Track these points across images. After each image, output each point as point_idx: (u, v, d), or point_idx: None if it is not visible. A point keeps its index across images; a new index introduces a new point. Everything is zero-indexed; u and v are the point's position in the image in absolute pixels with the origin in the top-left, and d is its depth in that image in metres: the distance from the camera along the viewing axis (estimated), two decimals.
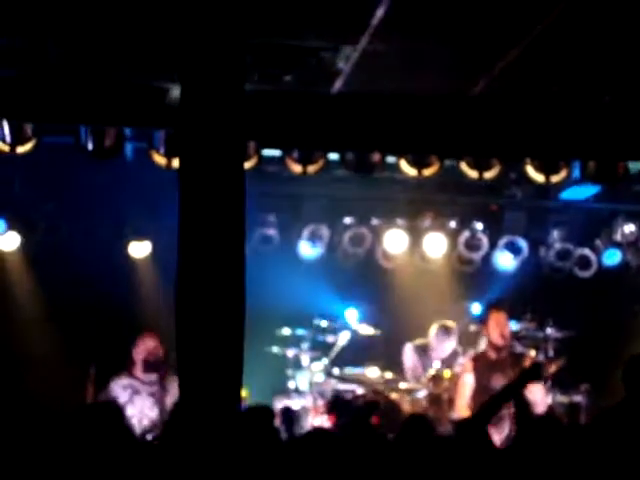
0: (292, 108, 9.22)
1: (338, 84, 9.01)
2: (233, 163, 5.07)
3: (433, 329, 11.03)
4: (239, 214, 5.03)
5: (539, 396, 9.78)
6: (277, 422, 10.16)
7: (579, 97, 9.17)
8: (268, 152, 10.38)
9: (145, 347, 9.51)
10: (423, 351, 11.15)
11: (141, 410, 9.41)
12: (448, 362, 10.90)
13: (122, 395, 9.43)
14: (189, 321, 5.06)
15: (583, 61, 8.52)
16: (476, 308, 11.53)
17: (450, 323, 11.06)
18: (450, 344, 10.98)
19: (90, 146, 9.36)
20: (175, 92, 8.51)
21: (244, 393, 9.72)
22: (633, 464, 6.55)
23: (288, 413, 9.01)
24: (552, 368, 10.22)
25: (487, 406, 7.25)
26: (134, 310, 10.94)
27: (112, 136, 9.36)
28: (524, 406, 7.39)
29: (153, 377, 9.52)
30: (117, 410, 6.30)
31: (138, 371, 9.54)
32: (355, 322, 11.22)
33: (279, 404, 10.97)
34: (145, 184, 10.75)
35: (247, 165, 9.78)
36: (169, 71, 8.13)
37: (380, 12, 7.56)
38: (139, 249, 11.08)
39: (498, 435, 9.07)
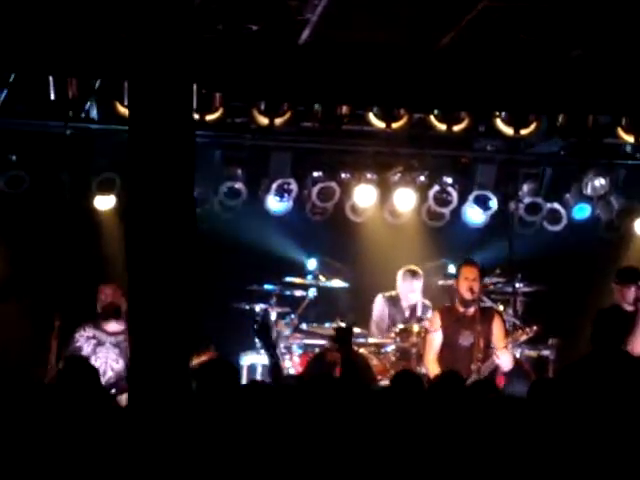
0: (258, 59, 9.09)
1: (305, 34, 8.88)
2: (182, 110, 4.99)
3: (399, 274, 10.99)
4: (189, 162, 4.96)
5: (505, 359, 9.75)
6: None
7: (548, 50, 9.08)
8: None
9: (103, 296, 9.45)
10: (394, 303, 11.09)
11: (105, 362, 9.33)
12: (418, 316, 10.85)
13: (86, 347, 9.38)
14: (140, 275, 4.98)
15: (552, 14, 8.42)
16: (452, 268, 11.46)
17: (415, 267, 11.00)
18: (416, 287, 10.92)
19: (52, 96, 9.20)
20: None
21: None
22: (598, 418, 6.54)
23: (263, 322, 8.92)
24: (522, 337, 10.14)
25: None
26: (99, 262, 10.83)
27: (75, 87, 9.21)
28: None
29: (118, 327, 9.42)
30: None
31: (102, 321, 9.46)
32: (322, 275, 11.14)
33: (246, 360, 10.94)
34: (112, 138, 10.64)
35: (212, 117, 9.71)
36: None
37: None
38: (104, 202, 10.94)
39: None
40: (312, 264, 11.35)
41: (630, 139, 10.10)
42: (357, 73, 9.13)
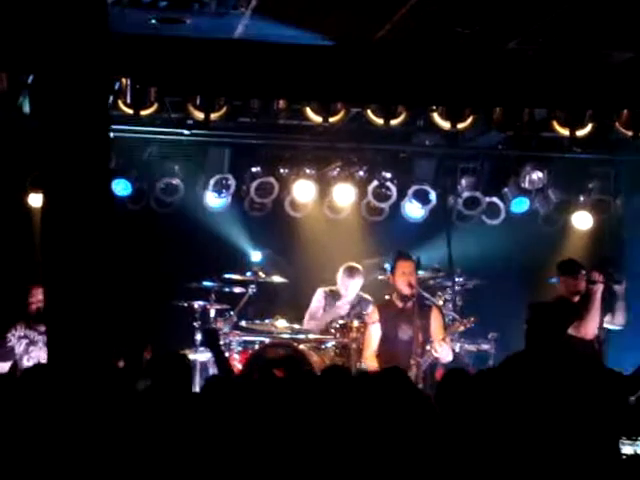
0: (193, 53, 9.00)
1: (240, 29, 8.79)
2: (96, 105, 4.90)
3: (340, 272, 10.96)
4: (104, 157, 4.87)
5: (444, 351, 9.74)
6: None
7: (484, 44, 9.07)
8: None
9: (36, 298, 9.31)
10: (334, 298, 11.06)
11: (37, 361, 9.20)
12: (358, 311, 10.81)
13: (18, 346, 9.29)
14: (56, 272, 4.89)
15: (487, 6, 8.40)
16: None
17: (355, 264, 10.98)
18: (355, 283, 10.89)
19: None
20: None
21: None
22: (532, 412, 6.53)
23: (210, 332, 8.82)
24: (460, 327, 10.15)
25: None
26: (32, 260, 10.64)
27: (4, 81, 9.06)
28: None
29: None
30: None
31: (34, 321, 9.34)
32: (262, 270, 11.06)
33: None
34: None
35: (147, 112, 9.60)
36: None
37: None
38: (37, 199, 10.77)
39: None
40: (257, 256, 11.30)
41: (565, 132, 10.13)
42: (292, 68, 9.09)
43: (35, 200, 10.76)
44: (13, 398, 5.63)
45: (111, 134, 9.97)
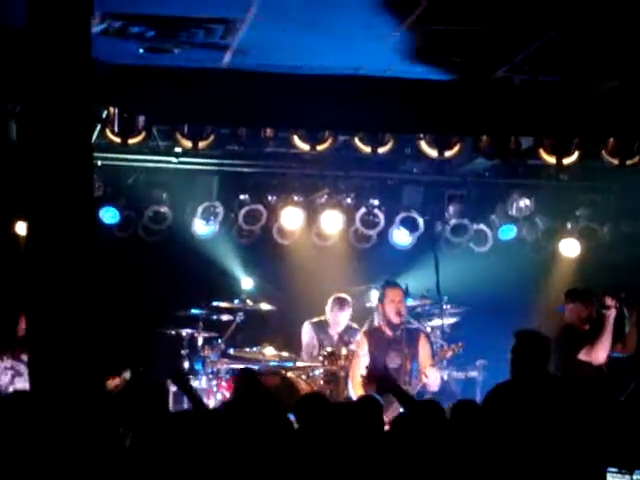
0: (181, 83, 9.03)
1: (227, 58, 8.83)
2: (80, 134, 4.91)
3: (329, 303, 10.97)
4: (88, 186, 4.87)
5: (433, 377, 9.73)
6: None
7: (472, 72, 9.11)
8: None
9: (22, 325, 9.27)
10: (321, 328, 11.07)
11: None
12: (346, 339, 10.82)
13: (3, 377, 9.24)
14: (39, 303, 4.87)
15: (475, 35, 8.44)
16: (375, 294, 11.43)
17: (344, 295, 10.99)
18: (344, 316, 10.92)
19: None
20: None
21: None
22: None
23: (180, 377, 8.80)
24: (448, 353, 10.14)
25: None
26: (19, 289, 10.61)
27: None
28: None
29: None
30: None
31: (21, 352, 9.29)
32: (251, 297, 11.07)
33: (173, 385, 10.79)
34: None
35: (135, 140, 9.62)
36: None
37: None
38: (25, 227, 10.74)
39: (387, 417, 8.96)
40: (247, 283, 11.31)
41: (552, 160, 10.17)
42: (280, 96, 9.12)
43: (22, 228, 10.74)
44: None
45: (99, 162, 10.23)
